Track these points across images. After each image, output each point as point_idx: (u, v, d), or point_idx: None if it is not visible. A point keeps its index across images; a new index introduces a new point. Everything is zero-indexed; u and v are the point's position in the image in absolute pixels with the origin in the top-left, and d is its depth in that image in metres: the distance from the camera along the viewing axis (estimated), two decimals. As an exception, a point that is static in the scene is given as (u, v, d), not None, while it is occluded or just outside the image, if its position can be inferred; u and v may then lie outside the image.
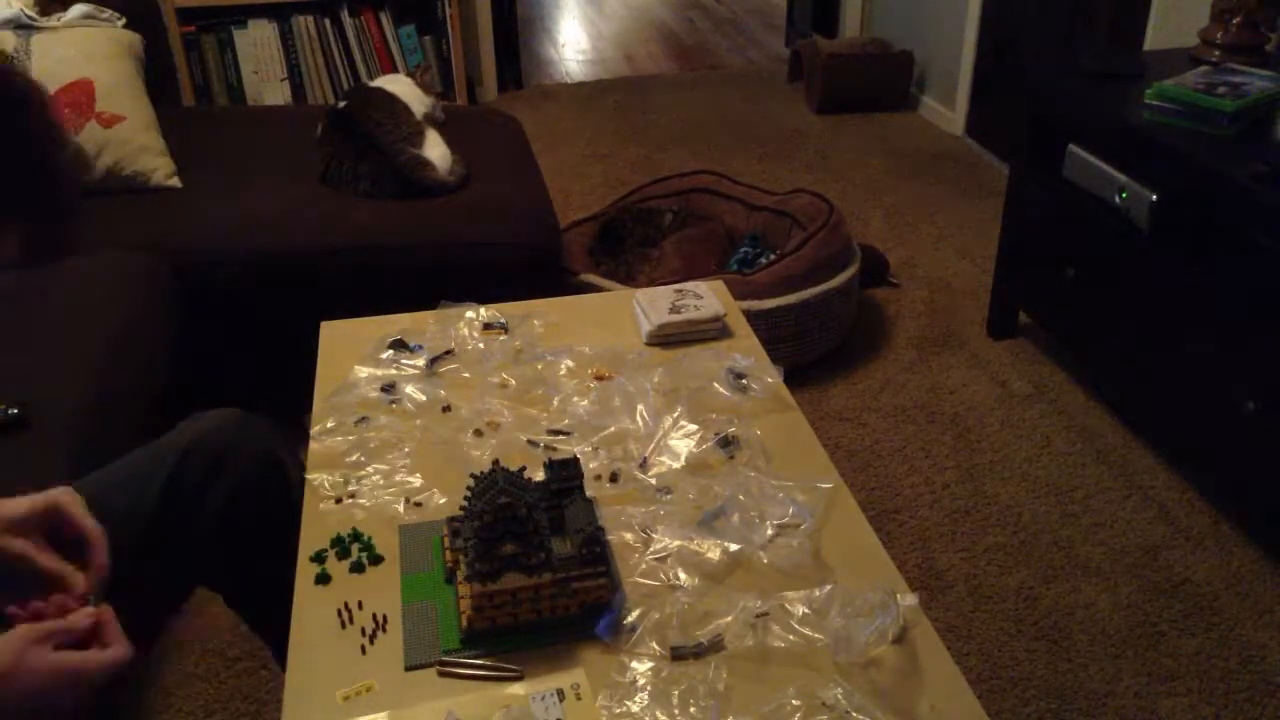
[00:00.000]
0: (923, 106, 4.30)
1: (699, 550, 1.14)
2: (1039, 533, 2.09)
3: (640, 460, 1.29)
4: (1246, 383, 1.89)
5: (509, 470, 1.06)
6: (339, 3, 3.86)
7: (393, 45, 3.94)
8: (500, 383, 1.43)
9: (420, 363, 1.46)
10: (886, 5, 4.50)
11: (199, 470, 1.23)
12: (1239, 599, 1.92)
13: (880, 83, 4.28)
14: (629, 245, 2.73)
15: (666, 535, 1.15)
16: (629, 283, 2.52)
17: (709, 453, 1.30)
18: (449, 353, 1.49)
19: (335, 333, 1.55)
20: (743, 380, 1.42)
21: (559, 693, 0.97)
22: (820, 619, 1.05)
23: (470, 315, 1.57)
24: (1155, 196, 2.07)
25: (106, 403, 1.69)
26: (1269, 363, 1.85)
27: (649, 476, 1.26)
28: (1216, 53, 2.29)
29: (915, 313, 2.88)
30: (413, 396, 1.40)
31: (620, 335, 1.56)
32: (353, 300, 1.65)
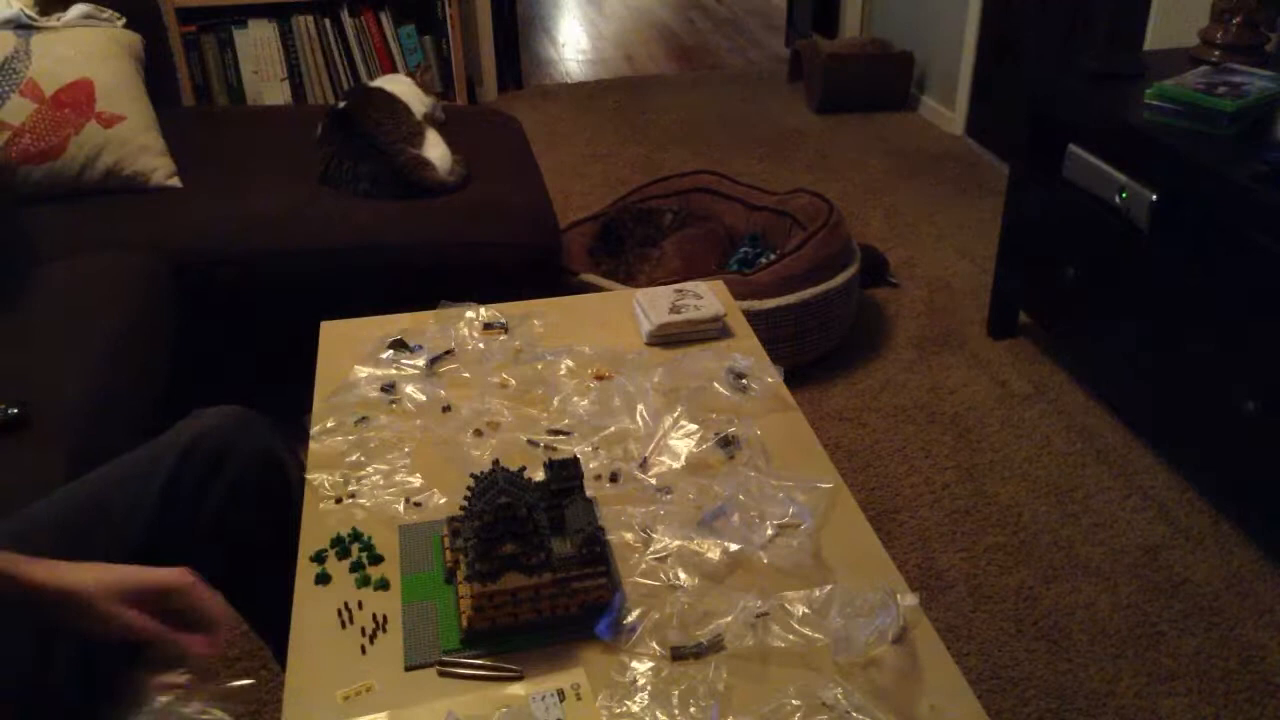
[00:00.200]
0: (923, 106, 4.29)
1: (699, 550, 1.14)
2: (1039, 533, 2.09)
3: (640, 460, 1.28)
4: (1246, 383, 1.89)
5: (509, 470, 1.06)
6: (339, 3, 3.86)
7: (393, 45, 3.94)
8: (500, 383, 1.43)
9: (420, 363, 1.46)
10: (886, 5, 4.50)
11: (200, 467, 1.22)
12: (1239, 599, 1.92)
13: (880, 83, 4.28)
14: (629, 245, 2.72)
15: (666, 535, 1.15)
16: (629, 283, 2.52)
17: (709, 453, 1.30)
18: (449, 353, 1.49)
19: (335, 333, 1.55)
20: (743, 380, 1.42)
21: (559, 693, 0.97)
22: (820, 619, 1.05)
23: (470, 315, 1.57)
24: (1155, 196, 2.07)
25: (106, 403, 1.69)
26: (1269, 363, 1.85)
27: (649, 476, 1.26)
28: (1216, 53, 2.29)
29: (915, 313, 2.88)
30: (413, 396, 1.40)
31: (620, 335, 1.56)
32: (353, 300, 1.65)
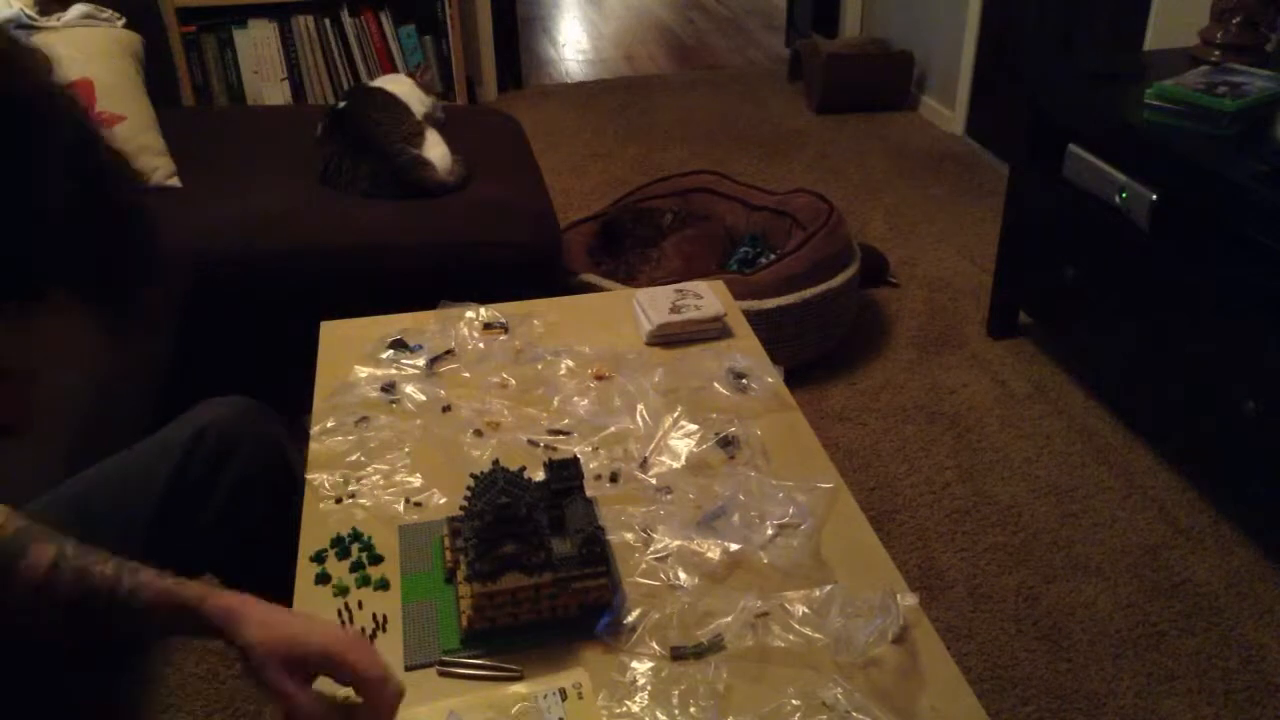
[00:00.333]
0: (923, 106, 4.29)
1: (699, 550, 1.14)
2: (1039, 533, 2.09)
3: (640, 460, 1.29)
4: (1246, 383, 1.89)
5: (509, 470, 1.06)
6: (339, 3, 3.86)
7: (393, 45, 3.94)
8: (500, 383, 1.43)
9: (420, 363, 1.46)
10: (886, 5, 4.50)
11: (208, 457, 1.23)
12: (1239, 599, 1.92)
13: (880, 83, 4.28)
14: (629, 245, 2.72)
15: (666, 535, 1.15)
16: (629, 283, 2.52)
17: (709, 453, 1.30)
18: (449, 353, 1.49)
19: (335, 333, 1.55)
20: (743, 380, 1.42)
21: (561, 692, 0.97)
22: (820, 619, 1.05)
23: (470, 315, 1.57)
24: (1155, 196, 2.07)
25: (106, 403, 1.69)
26: (1269, 363, 1.85)
27: (649, 476, 1.26)
28: (1216, 53, 2.29)
29: (915, 313, 2.87)
30: (413, 396, 1.40)
31: (620, 335, 1.56)
32: (353, 300, 1.65)
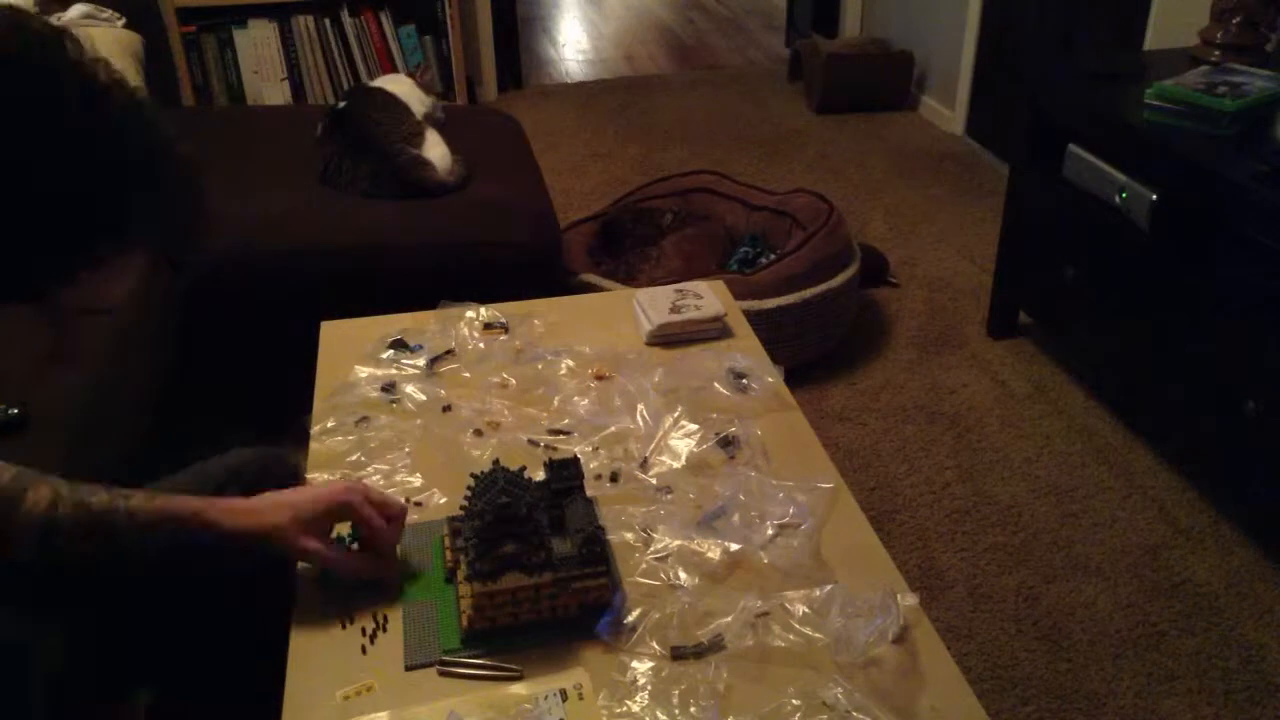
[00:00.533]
0: (923, 106, 4.29)
1: (699, 550, 1.14)
2: (1039, 533, 2.09)
3: (640, 460, 1.29)
4: (1246, 383, 1.89)
5: (509, 470, 1.06)
6: (339, 3, 3.86)
7: (393, 45, 3.94)
8: (500, 383, 1.43)
9: (420, 363, 1.46)
10: (886, 5, 4.50)
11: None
12: (1239, 599, 1.92)
13: (880, 83, 4.28)
14: (629, 245, 2.72)
15: (667, 535, 1.15)
16: (629, 283, 2.52)
17: (709, 453, 1.30)
18: (449, 353, 1.49)
19: (335, 333, 1.55)
20: (743, 380, 1.42)
21: (561, 692, 0.97)
22: (820, 619, 1.05)
23: (470, 315, 1.57)
24: (1155, 196, 2.07)
25: (106, 403, 1.69)
26: (1269, 363, 1.85)
27: (649, 476, 1.26)
28: (1216, 53, 2.29)
29: (915, 313, 2.87)
30: (413, 396, 1.40)
31: (620, 335, 1.56)
32: (353, 300, 1.65)
